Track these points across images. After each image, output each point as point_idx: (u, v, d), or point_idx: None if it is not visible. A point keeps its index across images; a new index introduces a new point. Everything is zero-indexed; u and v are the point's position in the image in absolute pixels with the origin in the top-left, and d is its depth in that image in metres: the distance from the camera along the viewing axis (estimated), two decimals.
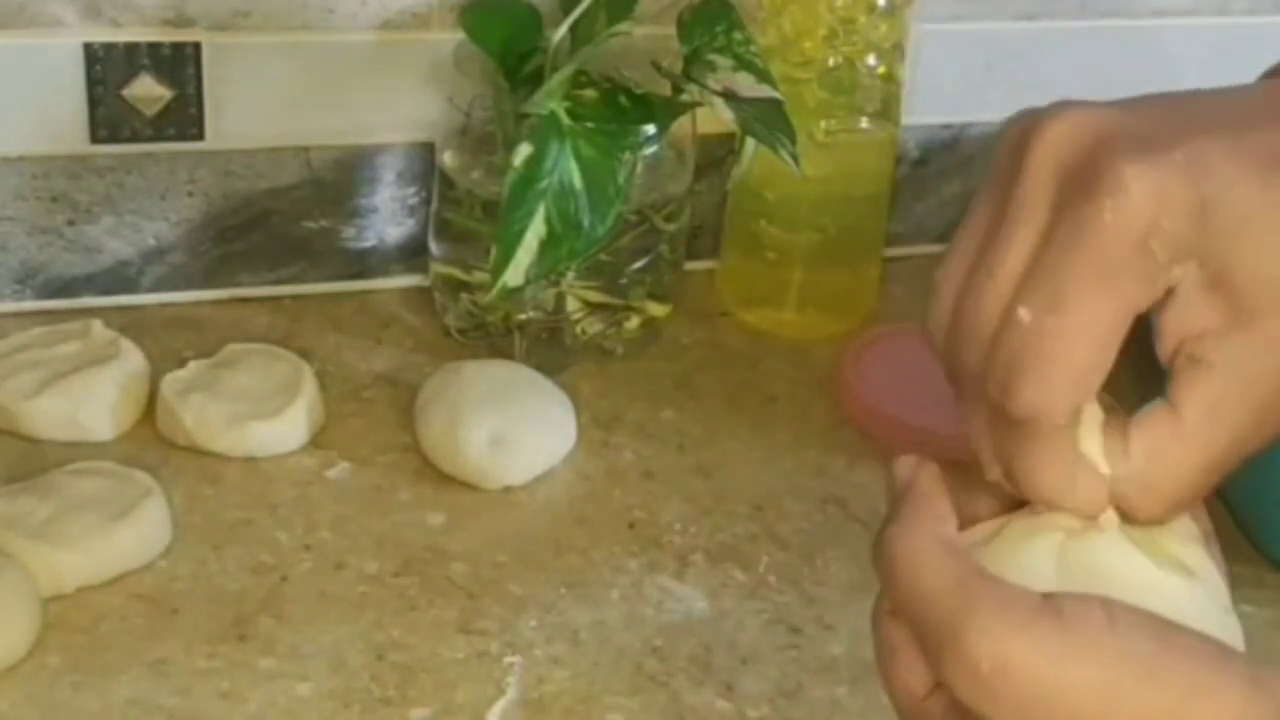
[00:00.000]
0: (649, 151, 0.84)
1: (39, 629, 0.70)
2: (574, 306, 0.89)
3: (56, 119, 0.88)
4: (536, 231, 0.77)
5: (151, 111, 0.89)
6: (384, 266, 0.97)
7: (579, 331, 0.90)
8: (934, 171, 1.05)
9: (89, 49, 0.87)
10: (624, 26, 0.82)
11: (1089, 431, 0.50)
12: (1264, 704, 0.44)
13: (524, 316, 0.89)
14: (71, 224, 0.91)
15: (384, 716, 0.68)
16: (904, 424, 0.85)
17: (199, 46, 0.88)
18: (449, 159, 0.89)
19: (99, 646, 0.70)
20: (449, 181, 0.89)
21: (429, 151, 0.93)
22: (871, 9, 0.90)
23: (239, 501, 0.79)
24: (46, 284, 0.92)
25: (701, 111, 0.85)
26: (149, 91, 0.89)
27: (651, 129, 0.82)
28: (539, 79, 0.81)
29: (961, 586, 0.46)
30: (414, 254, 0.96)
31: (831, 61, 0.90)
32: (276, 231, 0.94)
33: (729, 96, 0.83)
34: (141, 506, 0.75)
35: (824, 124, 0.91)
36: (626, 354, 0.92)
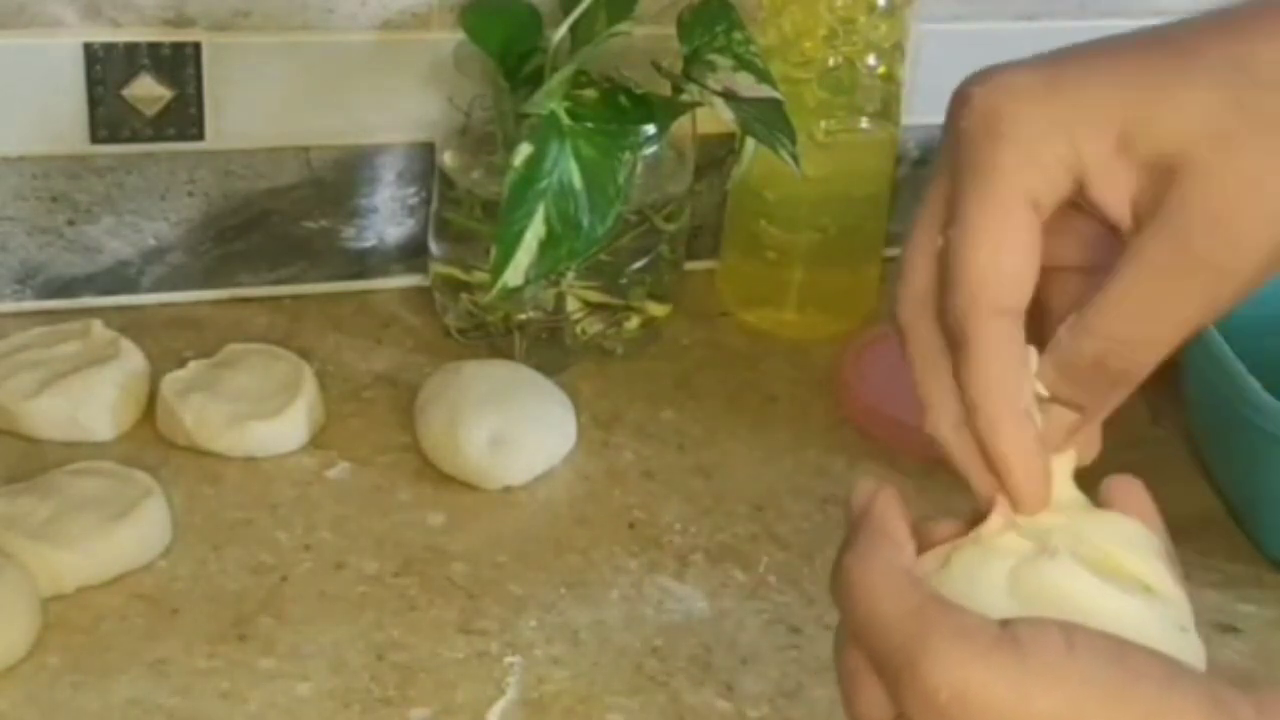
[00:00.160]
0: (649, 151, 0.84)
1: (39, 629, 0.70)
2: (574, 306, 0.89)
3: (56, 119, 0.88)
4: (536, 231, 0.77)
5: (151, 111, 0.89)
6: (384, 266, 0.97)
7: (579, 331, 0.90)
8: None
9: (89, 49, 0.87)
10: (624, 26, 0.82)
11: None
12: None
13: (524, 316, 0.89)
14: (71, 224, 0.91)
15: (384, 716, 0.68)
16: (904, 424, 0.85)
17: (199, 46, 0.88)
18: (449, 159, 0.89)
19: (99, 646, 0.70)
20: (449, 181, 0.89)
21: (429, 151, 0.93)
22: (871, 9, 0.90)
23: (239, 501, 0.79)
24: (46, 284, 0.92)
25: (701, 111, 0.85)
26: (149, 91, 0.89)
27: (651, 129, 0.82)
28: (539, 79, 0.81)
29: (918, 614, 0.45)
30: (414, 254, 0.96)
31: (831, 61, 0.90)
32: (276, 231, 0.94)
33: (729, 96, 0.83)
34: (141, 506, 0.75)
35: (824, 124, 0.91)
36: (626, 354, 0.92)
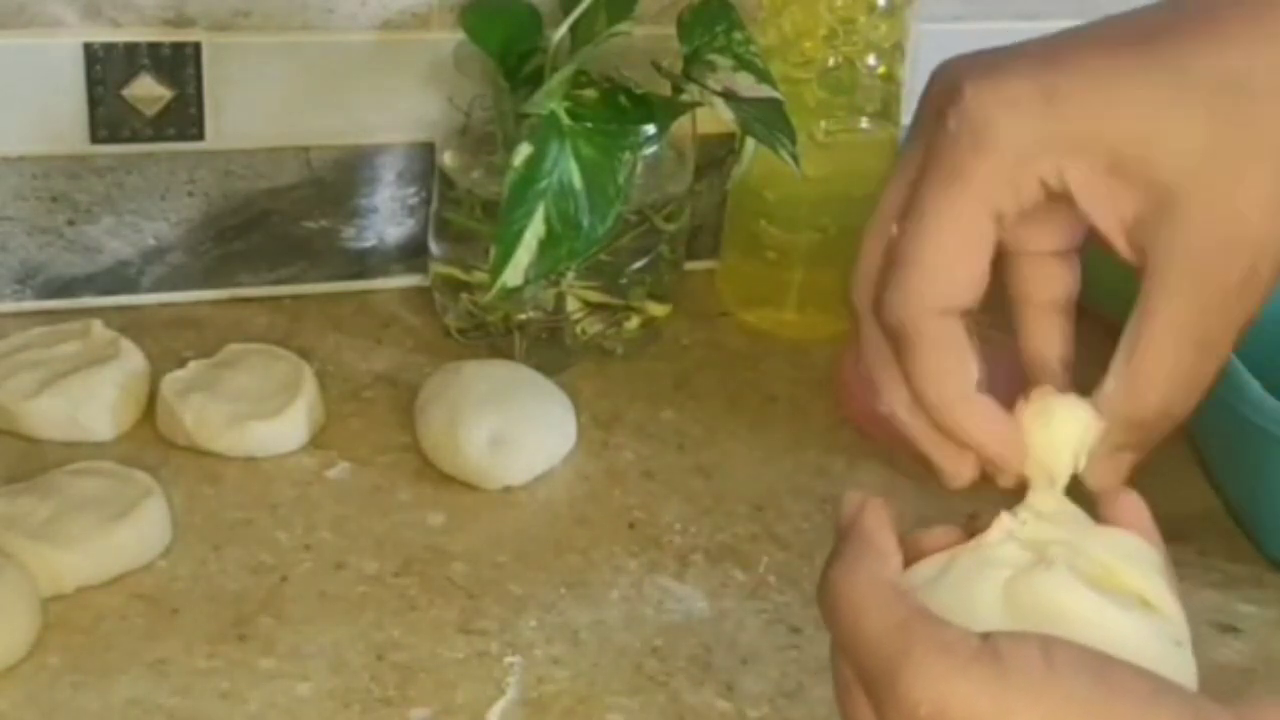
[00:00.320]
0: (649, 151, 0.84)
1: (39, 629, 0.70)
2: (574, 306, 0.89)
3: (56, 119, 0.88)
4: (536, 231, 0.77)
5: (151, 111, 0.89)
6: (384, 266, 0.97)
7: (579, 331, 0.90)
8: None
9: (89, 49, 0.87)
10: (624, 26, 0.82)
11: (1044, 403, 0.51)
12: None
13: (524, 316, 0.89)
14: (71, 224, 0.91)
15: (384, 716, 0.68)
16: None
17: (199, 46, 0.88)
18: (449, 159, 0.89)
19: (99, 646, 0.70)
20: (449, 181, 0.89)
21: (429, 151, 0.93)
22: (871, 9, 0.90)
23: (239, 501, 0.79)
24: (46, 284, 0.92)
25: (701, 111, 0.85)
26: (149, 91, 0.89)
27: (651, 129, 0.82)
28: (539, 79, 0.81)
29: (901, 629, 0.45)
30: (414, 254, 0.96)
31: (831, 61, 0.91)
32: (276, 231, 0.94)
33: (729, 96, 0.83)
34: (141, 506, 0.75)
35: (824, 124, 0.91)
36: (626, 354, 0.92)
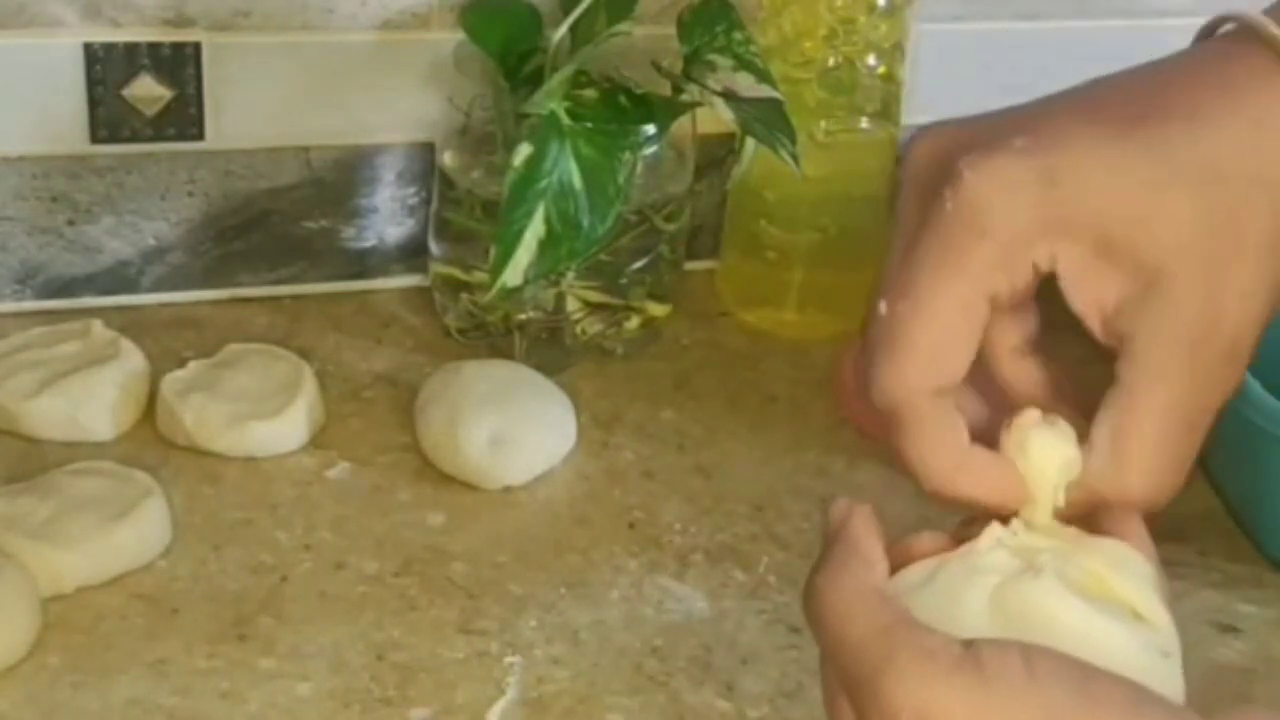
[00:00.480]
0: (649, 151, 0.84)
1: (39, 629, 0.70)
2: (574, 306, 0.89)
3: (56, 119, 0.88)
4: (536, 231, 0.77)
5: (151, 111, 0.89)
6: (384, 266, 0.97)
7: (579, 331, 0.90)
8: None
9: (89, 49, 0.87)
10: (624, 26, 0.82)
11: (1022, 434, 0.51)
12: None
13: (524, 316, 0.89)
14: (71, 224, 0.91)
15: (384, 716, 0.68)
16: None
17: (199, 46, 0.88)
18: (449, 159, 0.89)
19: (99, 646, 0.70)
20: (449, 181, 0.89)
21: (429, 151, 0.93)
22: (871, 9, 0.90)
23: (239, 501, 0.79)
24: (46, 284, 0.92)
25: (701, 111, 0.85)
26: (149, 91, 0.89)
27: (651, 129, 0.82)
28: (539, 79, 0.81)
29: (884, 635, 0.46)
30: (414, 254, 0.96)
31: (831, 61, 0.90)
32: (276, 231, 0.94)
33: (729, 96, 0.83)
34: (141, 506, 0.75)
35: (824, 124, 0.91)
36: (626, 354, 0.92)
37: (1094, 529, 0.51)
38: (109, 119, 0.88)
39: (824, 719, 0.70)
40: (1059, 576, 0.48)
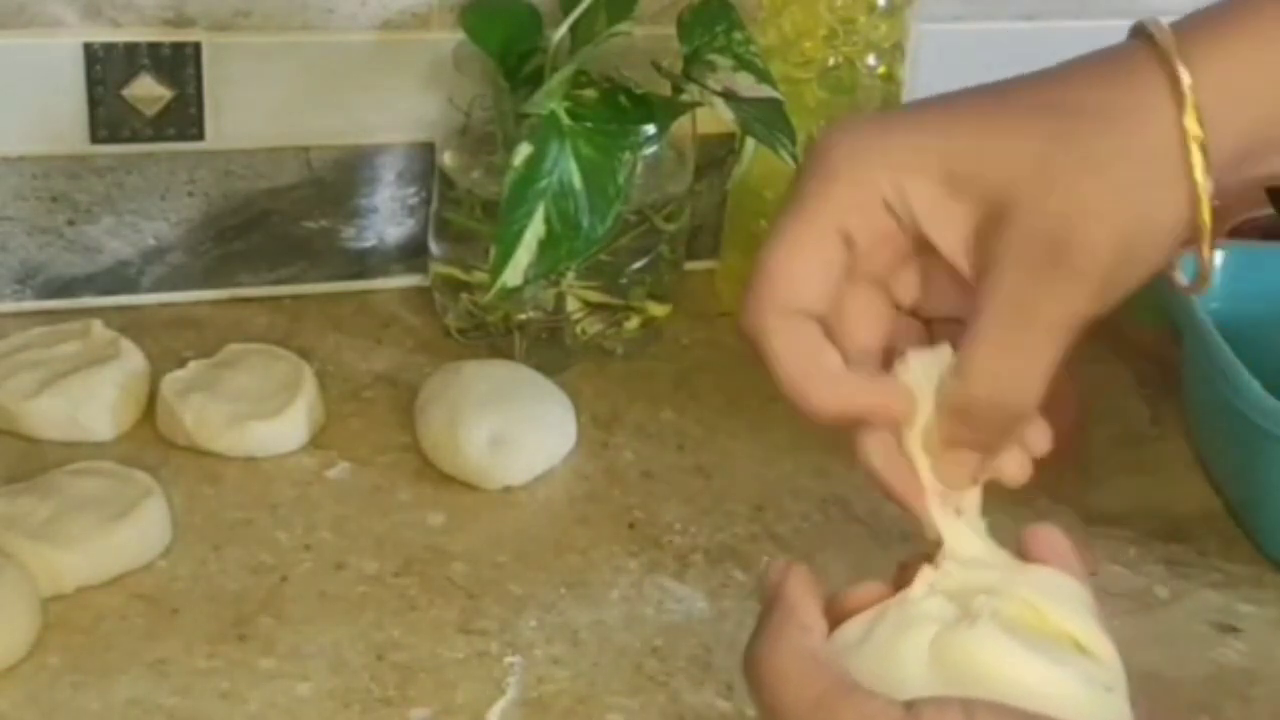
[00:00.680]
0: (649, 151, 0.84)
1: (39, 629, 0.70)
2: (574, 306, 0.89)
3: (56, 119, 0.88)
4: (536, 231, 0.77)
5: (151, 111, 0.89)
6: (384, 266, 0.97)
7: (579, 331, 0.90)
8: None
9: (89, 49, 0.87)
10: (624, 26, 0.82)
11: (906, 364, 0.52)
12: None
13: (524, 316, 0.89)
14: (71, 224, 0.91)
15: (384, 716, 0.68)
16: None
17: (199, 46, 0.88)
18: (449, 159, 0.89)
19: (99, 646, 0.70)
20: (449, 181, 0.89)
21: (429, 151, 0.93)
22: (871, 9, 0.90)
23: (239, 501, 0.79)
24: (46, 284, 0.92)
25: (701, 111, 0.85)
26: (149, 91, 0.89)
27: (651, 129, 0.82)
28: (539, 79, 0.81)
29: (820, 703, 0.46)
30: (414, 254, 0.96)
31: (831, 61, 0.91)
32: (276, 231, 0.94)
33: (729, 96, 0.83)
34: (141, 506, 0.75)
35: (824, 124, 0.91)
36: (626, 354, 0.92)
37: (1022, 554, 0.51)
38: (109, 119, 0.89)
39: None
40: (995, 618, 0.48)
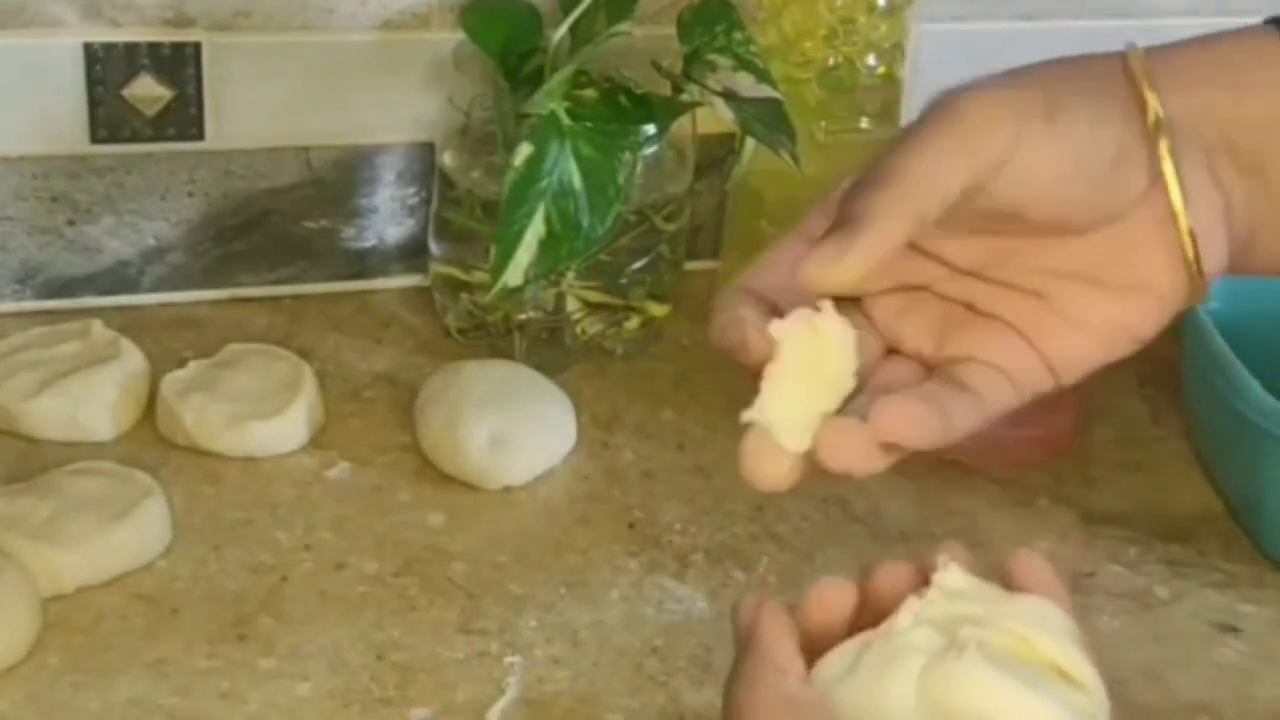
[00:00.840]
0: (649, 151, 0.84)
1: (39, 629, 0.70)
2: (574, 306, 0.89)
3: (56, 119, 0.88)
4: (536, 231, 0.77)
5: (151, 111, 0.89)
6: (384, 266, 0.97)
7: (579, 331, 0.90)
8: None
9: (89, 49, 0.87)
10: (624, 26, 0.82)
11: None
12: None
13: (524, 316, 0.89)
14: (71, 224, 0.91)
15: (384, 716, 0.68)
16: None
17: (199, 46, 0.88)
18: (449, 159, 0.89)
19: (99, 646, 0.70)
20: (449, 181, 0.89)
21: (429, 151, 0.93)
22: (871, 9, 0.90)
23: (239, 501, 0.79)
24: (46, 284, 0.92)
25: (701, 111, 0.85)
26: (149, 91, 0.89)
27: (651, 129, 0.82)
28: (539, 79, 0.81)
29: None
30: (414, 254, 0.96)
31: (831, 61, 0.90)
32: (276, 231, 0.94)
33: (729, 96, 0.83)
34: (141, 506, 0.75)
35: (824, 124, 0.91)
36: (626, 354, 0.92)
37: (1007, 583, 0.52)
38: (109, 119, 0.88)
39: None
40: (982, 649, 0.48)
